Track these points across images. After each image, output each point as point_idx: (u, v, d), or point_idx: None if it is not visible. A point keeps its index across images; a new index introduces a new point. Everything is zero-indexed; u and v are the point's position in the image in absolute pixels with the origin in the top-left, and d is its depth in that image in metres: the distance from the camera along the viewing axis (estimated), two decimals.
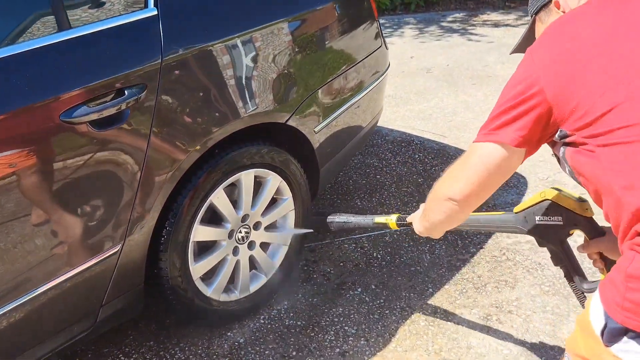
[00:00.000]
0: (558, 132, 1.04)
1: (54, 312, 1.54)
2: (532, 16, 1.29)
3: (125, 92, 1.50)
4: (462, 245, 2.49)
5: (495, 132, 1.06)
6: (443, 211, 1.25)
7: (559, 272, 2.28)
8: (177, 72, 1.61)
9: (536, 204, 1.43)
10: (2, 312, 1.40)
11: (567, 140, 1.02)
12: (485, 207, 2.76)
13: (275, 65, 1.91)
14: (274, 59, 1.91)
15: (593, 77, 0.95)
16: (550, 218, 1.41)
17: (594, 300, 0.96)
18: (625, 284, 0.88)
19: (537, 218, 1.43)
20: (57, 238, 1.44)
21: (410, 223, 1.58)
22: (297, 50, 2.00)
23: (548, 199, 1.40)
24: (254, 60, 1.84)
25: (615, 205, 0.93)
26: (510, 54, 1.40)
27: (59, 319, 1.58)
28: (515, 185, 2.95)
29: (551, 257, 1.50)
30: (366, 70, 2.39)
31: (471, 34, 5.69)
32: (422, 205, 1.49)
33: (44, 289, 1.47)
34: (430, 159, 3.24)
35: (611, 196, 0.94)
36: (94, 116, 1.45)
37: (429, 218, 1.34)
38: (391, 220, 1.72)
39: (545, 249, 1.50)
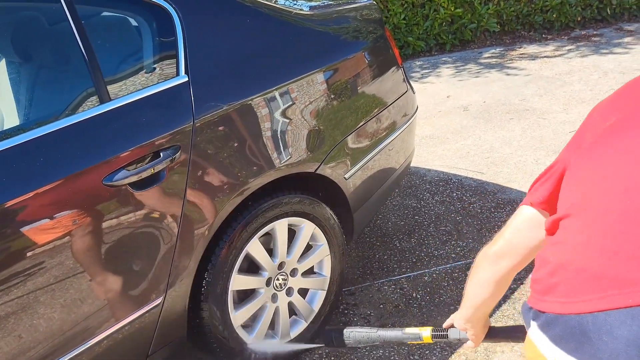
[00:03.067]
0: None
1: None
2: None
3: (161, 154, 1.63)
4: None
5: (529, 194, 1.10)
6: (484, 268, 1.21)
7: None
8: (208, 131, 1.73)
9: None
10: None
11: None
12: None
13: (302, 117, 2.01)
14: (300, 112, 2.01)
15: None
16: None
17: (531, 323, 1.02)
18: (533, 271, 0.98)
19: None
20: (103, 293, 1.55)
21: (445, 329, 1.49)
22: (322, 102, 2.10)
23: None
24: (282, 114, 1.95)
25: None
26: None
27: None
28: None
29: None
30: (394, 115, 2.47)
31: (508, 68, 5.70)
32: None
33: (96, 340, 1.58)
34: (468, 196, 3.25)
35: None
36: (134, 178, 1.57)
37: (469, 293, 1.28)
38: (425, 331, 1.54)
39: None
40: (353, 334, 1.65)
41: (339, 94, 2.18)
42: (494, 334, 1.45)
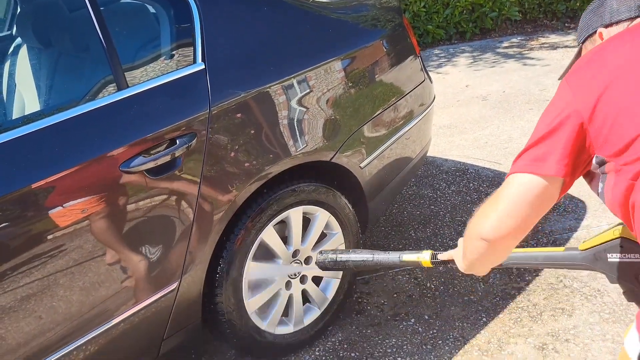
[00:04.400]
0: (595, 159, 1.05)
1: (121, 345, 1.67)
2: (579, 44, 1.33)
3: (177, 141, 1.64)
4: (517, 273, 2.47)
5: (536, 163, 1.04)
6: (478, 252, 1.19)
7: (619, 298, 2.22)
8: (224, 119, 1.74)
9: (607, 241, 1.39)
10: (79, 344, 1.54)
11: (605, 169, 1.03)
12: (541, 234, 2.73)
13: (318, 106, 2.01)
14: (317, 100, 2.01)
15: (623, 101, 0.97)
16: (625, 255, 1.36)
17: (631, 329, 0.97)
18: None
19: (609, 255, 1.39)
20: (119, 277, 1.58)
21: (450, 260, 1.54)
22: (340, 90, 2.10)
23: (623, 237, 1.35)
24: (298, 102, 1.95)
25: None
26: (558, 79, 1.43)
27: (126, 352, 1.71)
28: (573, 210, 2.90)
29: (624, 293, 1.42)
30: (411, 104, 2.45)
31: (528, 58, 5.63)
32: (460, 241, 1.46)
33: (113, 323, 1.61)
34: (485, 187, 3.23)
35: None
36: (150, 165, 1.59)
37: (467, 256, 1.29)
38: (424, 258, 1.63)
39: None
40: (351, 260, 1.85)
41: (356, 82, 2.18)
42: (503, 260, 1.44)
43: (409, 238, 2.83)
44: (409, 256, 1.69)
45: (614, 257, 1.37)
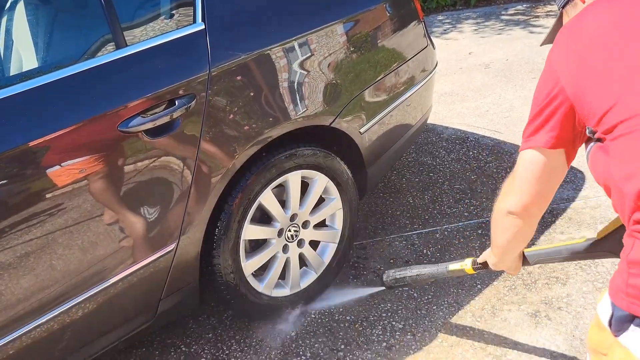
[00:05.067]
0: (587, 130, 1.06)
1: (119, 304, 1.69)
2: (559, 9, 1.31)
3: (176, 102, 1.63)
4: None
5: (531, 137, 1.10)
6: (507, 228, 1.26)
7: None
8: (224, 81, 1.73)
9: (621, 227, 1.40)
10: (78, 301, 1.56)
11: (597, 136, 1.04)
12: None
13: (320, 69, 1.99)
14: (319, 63, 1.99)
15: (597, 73, 0.97)
16: None
17: (604, 296, 0.99)
18: (627, 270, 0.90)
19: None
20: (116, 237, 1.59)
21: (485, 262, 1.64)
22: (341, 54, 2.07)
23: None
24: (300, 65, 1.93)
25: (618, 196, 0.95)
26: (540, 45, 1.42)
27: (124, 310, 1.73)
28: (572, 180, 2.90)
29: None
30: (413, 71, 2.43)
31: (533, 26, 5.55)
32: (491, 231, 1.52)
33: (111, 282, 1.62)
34: (484, 155, 3.23)
35: (615, 188, 0.96)
36: (149, 125, 1.58)
37: (497, 242, 1.36)
38: (466, 266, 1.78)
39: None
40: (407, 276, 1.99)
41: (358, 46, 2.15)
42: (530, 259, 1.59)
43: (407, 205, 2.84)
44: (454, 266, 1.83)
45: None
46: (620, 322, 0.92)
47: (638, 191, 0.89)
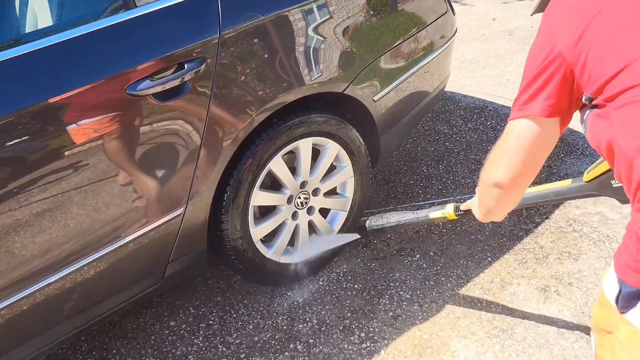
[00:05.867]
0: (584, 96, 1.01)
1: (127, 266, 1.70)
2: None
3: (186, 65, 1.60)
4: (526, 215, 2.45)
5: (526, 106, 1.04)
6: (494, 198, 1.23)
7: None
8: (235, 45, 1.69)
9: (608, 170, 1.45)
10: (86, 262, 1.57)
11: (594, 103, 0.99)
12: (556, 177, 2.68)
13: (335, 34, 1.94)
14: (334, 27, 1.94)
15: (603, 35, 0.91)
16: None
17: (609, 272, 0.95)
18: (636, 246, 0.87)
19: (612, 182, 1.46)
20: (124, 199, 1.59)
21: (469, 210, 1.64)
22: (360, 18, 2.02)
23: None
24: (314, 29, 1.88)
25: (626, 167, 0.91)
26: (531, 15, 1.37)
27: (132, 272, 1.74)
28: (591, 153, 2.83)
29: None
30: (431, 36, 2.36)
31: None
32: (478, 190, 1.51)
33: (118, 245, 1.63)
34: (503, 125, 3.16)
35: (622, 158, 0.91)
36: (157, 89, 1.56)
37: (484, 205, 1.33)
38: (448, 212, 1.77)
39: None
40: (381, 223, 2.02)
41: (377, 10, 2.09)
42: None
43: (421, 174, 2.80)
44: (435, 213, 1.84)
45: (617, 183, 1.44)
46: (628, 299, 0.89)
47: None
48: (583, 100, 1.01)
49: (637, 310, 0.88)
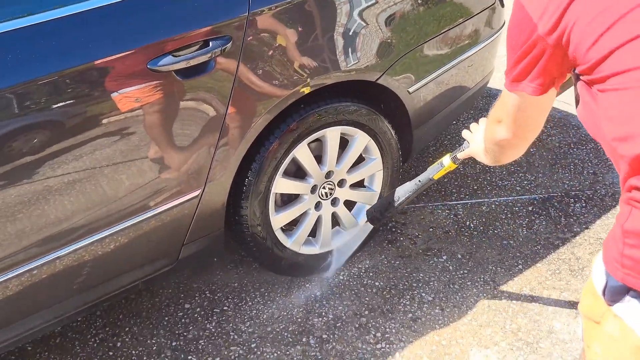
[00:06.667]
0: (573, 70, 0.93)
1: (141, 245, 1.67)
2: None
3: (210, 43, 1.54)
4: (565, 223, 2.32)
5: (517, 83, 0.99)
6: (502, 150, 1.23)
7: None
8: (263, 25, 1.63)
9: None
10: (100, 237, 1.55)
11: (580, 80, 0.91)
12: (600, 185, 2.53)
13: (370, 20, 1.85)
14: (370, 13, 1.85)
15: (583, 17, 0.82)
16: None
17: (597, 259, 0.91)
18: (622, 239, 0.82)
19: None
20: (138, 178, 1.55)
21: (469, 157, 1.64)
22: (399, 6, 1.92)
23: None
24: (346, 14, 1.80)
25: (611, 154, 0.85)
26: None
27: (145, 252, 1.71)
28: None
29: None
30: (476, 28, 2.24)
31: None
32: (466, 134, 1.60)
33: (132, 223, 1.60)
34: (548, 127, 3.00)
35: (606, 145, 0.85)
36: (180, 65, 1.51)
37: (491, 155, 1.31)
38: (447, 164, 1.74)
39: None
40: (395, 201, 1.95)
41: None
42: None
43: (456, 172, 2.69)
44: (437, 173, 1.79)
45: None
46: (615, 293, 0.85)
47: (636, 155, 0.78)
48: (573, 72, 0.93)
49: (624, 304, 0.85)
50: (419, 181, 1.86)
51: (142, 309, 2.04)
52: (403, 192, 1.92)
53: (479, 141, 1.48)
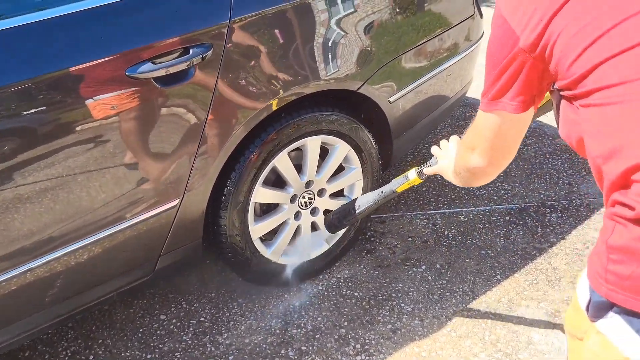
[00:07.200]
0: (553, 85, 0.93)
1: (116, 256, 1.63)
2: None
3: (191, 50, 1.51)
4: (542, 233, 2.33)
5: (496, 101, 0.97)
6: (474, 177, 1.21)
7: None
8: (245, 32, 1.60)
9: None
10: (72, 249, 1.50)
11: (561, 93, 0.91)
12: (576, 195, 2.56)
13: (350, 29, 1.84)
14: (351, 22, 1.84)
15: (567, 31, 0.81)
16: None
17: (582, 274, 0.90)
18: (607, 255, 0.81)
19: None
20: (116, 188, 1.51)
21: (436, 174, 1.60)
22: (379, 14, 1.91)
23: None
24: (327, 23, 1.78)
25: (595, 170, 0.85)
26: None
27: (121, 263, 1.67)
28: None
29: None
30: (455, 39, 2.25)
31: None
32: (435, 150, 1.56)
33: (108, 233, 1.55)
34: (523, 138, 3.02)
35: (590, 160, 0.85)
36: (160, 72, 1.47)
37: (462, 179, 1.29)
38: (412, 178, 1.71)
39: None
40: (342, 215, 1.96)
41: (395, 8, 1.98)
42: None
43: (434, 181, 2.70)
44: (400, 186, 1.76)
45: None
46: (598, 309, 0.84)
47: (621, 172, 0.77)
48: (553, 86, 0.93)
49: (607, 320, 0.84)
50: (382, 192, 1.83)
51: (116, 321, 1.99)
52: (364, 201, 1.90)
53: (449, 162, 1.45)
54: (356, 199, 1.94)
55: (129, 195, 1.54)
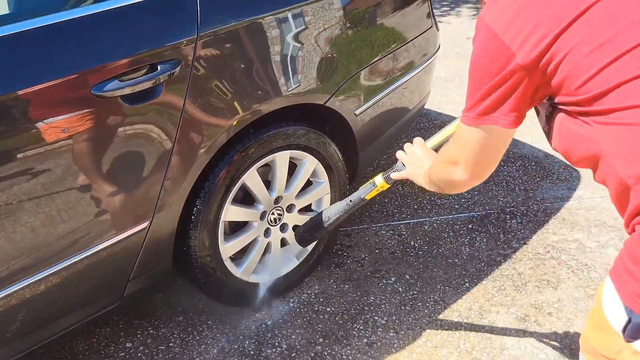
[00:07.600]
0: (547, 98, 0.93)
1: (82, 285, 1.55)
2: None
3: (159, 67, 1.46)
4: (504, 239, 2.38)
5: (486, 116, 0.96)
6: (452, 187, 1.20)
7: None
8: (213, 48, 1.56)
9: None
10: (34, 280, 1.40)
11: (559, 107, 0.91)
12: (532, 201, 2.63)
13: (315, 44, 1.83)
14: (314, 37, 1.83)
15: (578, 49, 0.81)
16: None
17: (608, 293, 0.87)
18: None
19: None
20: (81, 212, 1.43)
21: (404, 179, 1.58)
22: (338, 29, 1.92)
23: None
24: (294, 37, 1.77)
25: (619, 188, 0.83)
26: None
27: (87, 291, 1.58)
28: (567, 179, 2.80)
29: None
30: (414, 52, 2.28)
31: None
32: (400, 155, 1.55)
33: (73, 261, 1.47)
34: None
35: (614, 179, 0.83)
36: (127, 90, 1.42)
37: (438, 187, 1.27)
38: (380, 184, 1.69)
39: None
40: (312, 228, 1.93)
41: (357, 22, 1.99)
42: None
43: (396, 192, 2.71)
44: (369, 193, 1.73)
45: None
46: (638, 330, 0.83)
47: None
48: (546, 100, 0.93)
49: None
50: (350, 201, 1.81)
51: (78, 352, 1.89)
52: (333, 212, 1.87)
53: (417, 167, 1.44)
54: (323, 211, 1.91)
55: (96, 220, 1.47)
